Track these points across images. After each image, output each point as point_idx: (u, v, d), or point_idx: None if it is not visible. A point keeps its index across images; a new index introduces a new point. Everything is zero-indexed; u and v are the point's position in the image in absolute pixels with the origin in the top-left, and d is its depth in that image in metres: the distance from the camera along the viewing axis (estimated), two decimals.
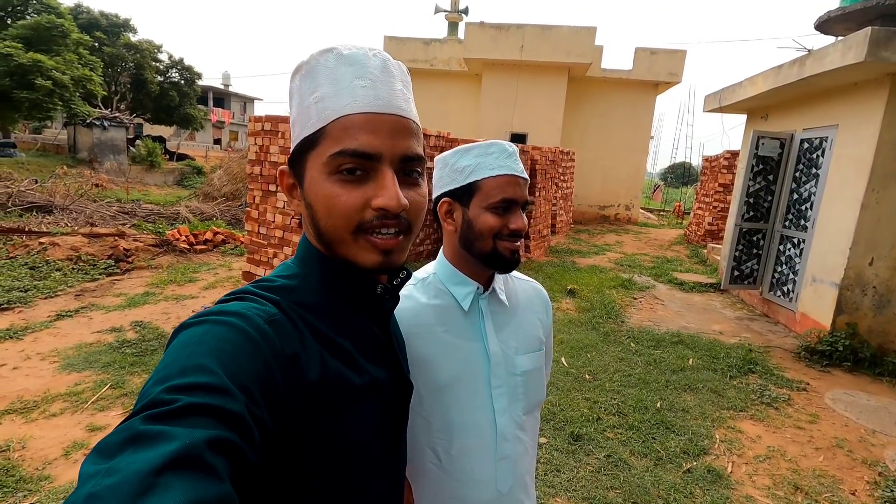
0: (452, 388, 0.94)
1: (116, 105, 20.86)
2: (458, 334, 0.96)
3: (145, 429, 0.37)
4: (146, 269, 6.29)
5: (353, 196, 0.56)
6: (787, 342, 5.09)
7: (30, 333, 4.10)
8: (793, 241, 5.63)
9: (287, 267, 0.64)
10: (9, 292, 4.87)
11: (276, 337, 0.50)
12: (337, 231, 0.57)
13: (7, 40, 14.07)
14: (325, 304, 0.60)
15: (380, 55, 0.60)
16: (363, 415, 0.59)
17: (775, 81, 5.46)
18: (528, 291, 1.08)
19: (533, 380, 1.01)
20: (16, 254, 6.16)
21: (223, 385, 0.42)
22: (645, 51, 13.48)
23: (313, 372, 0.53)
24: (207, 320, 0.48)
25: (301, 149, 0.59)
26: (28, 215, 8.64)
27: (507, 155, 0.94)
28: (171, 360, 0.44)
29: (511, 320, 1.01)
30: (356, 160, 0.56)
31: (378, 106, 0.57)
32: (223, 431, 0.39)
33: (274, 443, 0.48)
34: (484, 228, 0.92)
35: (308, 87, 0.59)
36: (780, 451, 3.09)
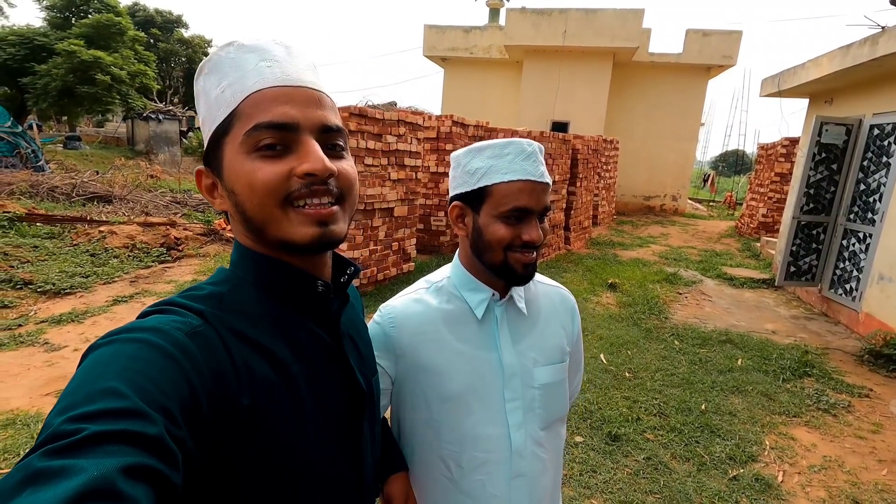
0: (464, 398, 0.88)
1: (170, 99, 21.84)
2: (470, 343, 0.90)
3: (45, 465, 0.33)
4: (195, 257, 6.56)
5: (274, 167, 0.52)
6: (848, 344, 4.75)
7: (89, 317, 4.36)
8: (858, 235, 5.23)
9: (220, 272, 0.60)
10: (72, 278, 5.20)
11: (198, 351, 0.47)
12: (264, 208, 0.53)
13: (71, 38, 14.95)
14: (259, 310, 0.56)
15: (282, 43, 0.58)
16: (304, 427, 0.55)
17: (843, 62, 5.04)
18: (551, 297, 1.00)
19: (553, 393, 0.93)
20: (78, 241, 6.56)
21: (136, 408, 0.38)
22: (697, 32, 12.80)
23: (242, 385, 0.50)
24: (118, 339, 0.44)
25: (214, 141, 0.56)
26: (90, 205, 9.19)
27: (524, 156, 0.84)
28: (76, 385, 0.40)
29: (531, 330, 0.94)
30: (273, 132, 0.52)
31: (287, 80, 0.55)
32: (139, 458, 0.36)
33: (200, 463, 0.45)
34: (493, 239, 0.84)
35: (213, 82, 0.56)
36: (838, 462, 2.88)
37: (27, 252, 5.92)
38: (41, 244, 6.26)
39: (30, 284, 4.89)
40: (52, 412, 0.38)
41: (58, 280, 5.04)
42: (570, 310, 1.02)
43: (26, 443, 2.61)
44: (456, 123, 6.67)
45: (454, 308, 0.92)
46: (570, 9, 11.76)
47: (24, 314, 4.32)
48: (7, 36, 15.19)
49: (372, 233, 5.29)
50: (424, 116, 6.30)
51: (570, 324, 1.01)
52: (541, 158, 0.86)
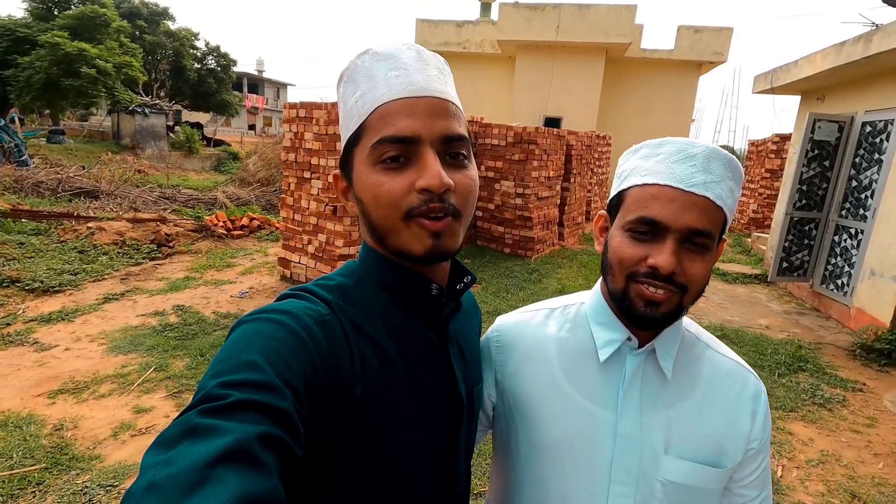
0: (556, 453, 0.71)
1: (156, 92, 21.44)
2: (582, 390, 0.71)
3: (200, 422, 0.38)
4: (186, 253, 6.46)
5: (396, 182, 0.55)
6: (840, 339, 4.81)
7: (79, 316, 4.27)
8: (850, 231, 5.29)
9: (348, 266, 0.64)
10: (60, 275, 5.09)
11: (324, 338, 0.51)
12: (388, 220, 0.56)
13: (55, 30, 14.59)
14: (377, 306, 0.59)
15: (413, 47, 0.60)
16: (404, 427, 0.57)
17: (836, 60, 5.08)
18: (722, 373, 0.73)
19: (688, 501, 0.69)
20: (66, 238, 6.43)
21: (272, 382, 0.43)
22: (688, 29, 12.86)
23: (356, 376, 0.53)
24: (261, 318, 0.50)
25: (347, 149, 0.60)
26: (76, 200, 9.01)
27: (682, 157, 0.64)
28: (226, 355, 0.45)
29: (674, 402, 0.70)
30: (396, 146, 0.55)
31: (412, 91, 0.56)
32: (272, 428, 0.40)
33: (314, 443, 0.48)
34: (613, 256, 0.67)
35: (350, 91, 0.59)
36: (835, 456, 2.92)
37: (13, 249, 5.78)
38: (27, 241, 6.12)
39: (17, 282, 4.77)
40: (205, 376, 0.44)
41: (46, 278, 4.93)
42: (750, 399, 0.72)
43: (19, 445, 2.55)
44: None
45: (575, 341, 0.74)
46: (563, 4, 11.74)
47: (11, 313, 4.22)
48: None
49: None
50: None
51: (746, 420, 0.71)
52: (714, 168, 0.63)
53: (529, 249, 7.12)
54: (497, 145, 7.23)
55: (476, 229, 7.83)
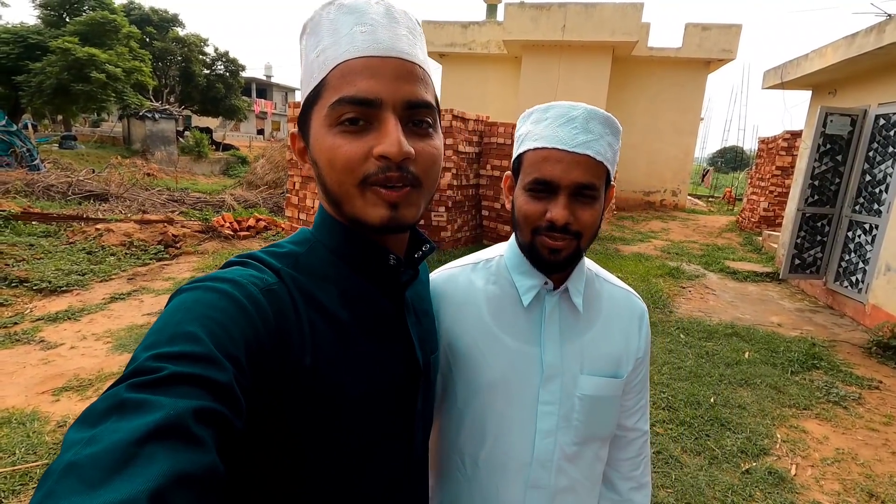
0: (493, 391, 0.80)
1: (166, 98, 21.68)
2: (510, 332, 0.80)
3: (130, 397, 0.36)
4: (193, 254, 6.49)
5: (354, 146, 0.52)
6: (855, 336, 4.70)
7: (86, 315, 4.29)
8: (864, 226, 5.18)
9: (301, 233, 0.62)
10: (68, 276, 5.12)
11: (269, 307, 0.48)
12: (343, 185, 0.54)
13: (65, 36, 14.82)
14: (330, 274, 0.57)
15: (382, 2, 0.56)
16: (359, 394, 0.56)
17: (848, 52, 4.99)
18: (616, 300, 0.86)
19: (598, 409, 0.81)
20: (74, 239, 6.48)
21: (210, 354, 0.41)
22: (696, 27, 12.74)
23: (305, 346, 0.51)
24: (201, 286, 0.47)
25: (305, 107, 0.56)
26: (86, 203, 9.10)
27: (564, 121, 0.72)
28: (162, 325, 0.43)
29: (584, 331, 0.82)
30: (356, 108, 0.52)
31: (378, 49, 0.53)
32: (209, 402, 0.38)
33: (262, 415, 0.47)
34: (519, 214, 0.76)
35: (312, 43, 0.55)
36: (851, 455, 2.83)
37: (23, 250, 5.83)
38: (37, 242, 6.18)
39: (25, 282, 4.81)
40: (139, 347, 0.41)
41: (54, 278, 4.96)
42: (637, 319, 0.87)
43: (22, 442, 2.54)
44: (456, 118, 6.60)
45: (500, 290, 0.82)
46: (568, 3, 11.68)
47: (19, 312, 4.25)
48: (0, 34, 15.05)
49: None
50: None
51: (635, 336, 0.85)
52: (592, 127, 0.72)
53: None
54: (503, 144, 7.19)
55: (482, 228, 7.79)
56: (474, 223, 7.68)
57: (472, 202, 7.56)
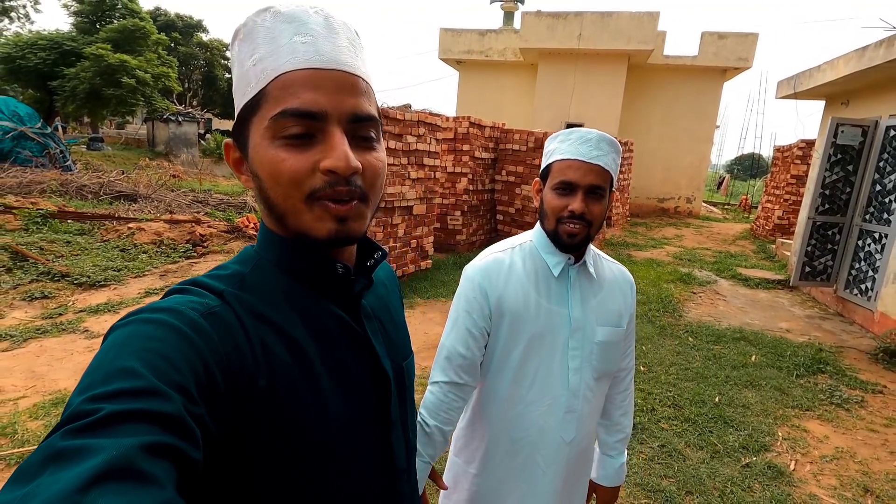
0: (534, 341, 1.06)
1: (189, 101, 22.32)
2: (546, 296, 1.07)
3: (66, 445, 0.33)
4: (219, 253, 6.78)
5: (299, 160, 0.51)
6: (863, 343, 4.78)
7: (124, 308, 4.57)
8: (874, 235, 5.25)
9: (245, 252, 0.60)
10: (105, 271, 5.43)
11: (213, 331, 0.47)
12: (288, 200, 0.52)
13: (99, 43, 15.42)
14: (278, 290, 0.56)
15: (321, 12, 0.55)
16: (324, 411, 0.54)
17: (858, 64, 5.09)
18: (614, 272, 1.17)
19: (608, 351, 1.10)
20: (108, 237, 6.82)
21: (152, 387, 0.39)
22: (712, 35, 12.80)
23: (259, 366, 0.50)
24: (135, 320, 0.45)
25: (242, 116, 0.54)
26: (117, 203, 9.50)
27: (582, 141, 1.01)
28: (96, 366, 0.40)
29: (597, 294, 1.11)
30: (300, 121, 0.51)
31: (320, 61, 0.52)
32: (158, 436, 0.36)
33: (219, 442, 0.45)
34: (547, 207, 1.05)
35: (246, 50, 0.54)
36: (850, 453, 2.96)
37: (61, 247, 6.17)
38: (73, 240, 6.52)
39: (66, 277, 5.13)
40: (73, 392, 0.39)
41: (92, 273, 5.27)
42: (629, 285, 1.18)
43: None
44: (473, 125, 6.80)
45: (535, 266, 1.09)
46: (585, 12, 11.85)
47: (63, 304, 4.55)
48: (37, 41, 15.73)
49: (392, 230, 5.44)
50: (442, 118, 6.45)
51: (629, 297, 1.17)
52: (602, 147, 1.01)
53: None
54: (518, 150, 7.38)
55: (497, 232, 7.97)
56: (489, 227, 7.87)
57: (488, 207, 7.76)
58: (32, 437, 2.60)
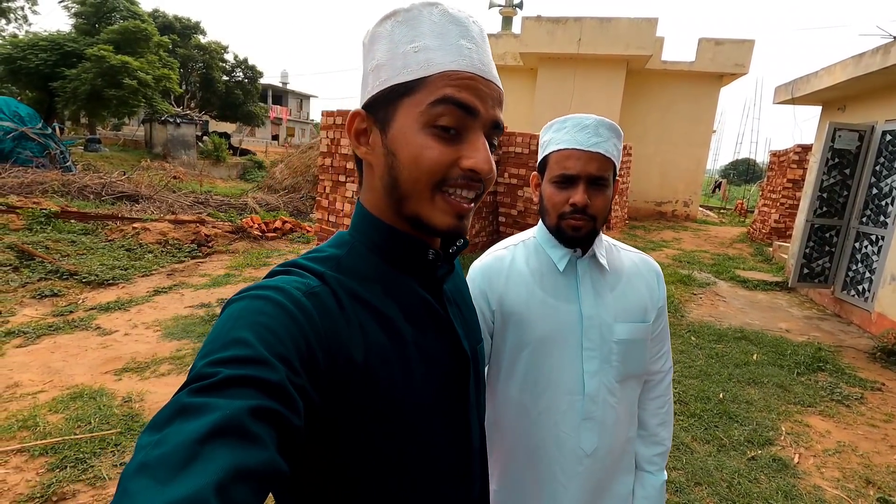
0: (543, 344, 0.96)
1: (187, 103, 22.33)
2: (552, 293, 0.97)
3: (190, 401, 0.38)
4: (224, 253, 6.82)
5: (444, 151, 0.55)
6: (860, 343, 4.88)
7: (134, 306, 4.61)
8: (870, 238, 5.37)
9: (340, 236, 0.63)
10: (112, 270, 5.47)
11: (314, 310, 0.50)
12: (418, 184, 0.55)
13: (100, 44, 15.44)
14: (372, 272, 0.59)
15: (478, 23, 0.60)
16: (413, 388, 0.57)
17: (855, 70, 5.21)
18: (635, 262, 1.06)
19: (631, 350, 0.99)
20: (113, 237, 6.85)
21: (261, 356, 0.43)
22: (709, 41, 12.97)
23: (355, 344, 0.53)
24: (248, 296, 0.49)
25: (390, 95, 0.56)
26: (119, 203, 9.51)
27: (579, 128, 0.92)
28: (215, 335, 0.45)
29: (613, 287, 1.00)
30: (457, 111, 0.54)
31: (482, 70, 0.57)
32: (264, 401, 0.40)
33: (319, 414, 0.49)
34: (548, 203, 0.96)
35: (405, 34, 0.56)
36: (852, 447, 3.04)
37: (66, 246, 6.20)
38: (78, 239, 6.55)
39: (75, 275, 5.16)
40: (197, 356, 0.44)
41: (100, 272, 5.31)
42: (654, 274, 1.06)
43: (95, 413, 2.84)
44: None
45: (539, 262, 1.00)
46: (584, 17, 11.99)
47: (72, 302, 4.58)
48: (38, 42, 15.73)
49: None
50: None
51: (654, 287, 1.04)
52: (601, 132, 0.92)
53: None
54: (520, 153, 7.47)
55: (499, 234, 8.05)
56: (491, 228, 7.95)
57: (490, 208, 7.84)
58: (54, 430, 2.64)
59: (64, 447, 2.52)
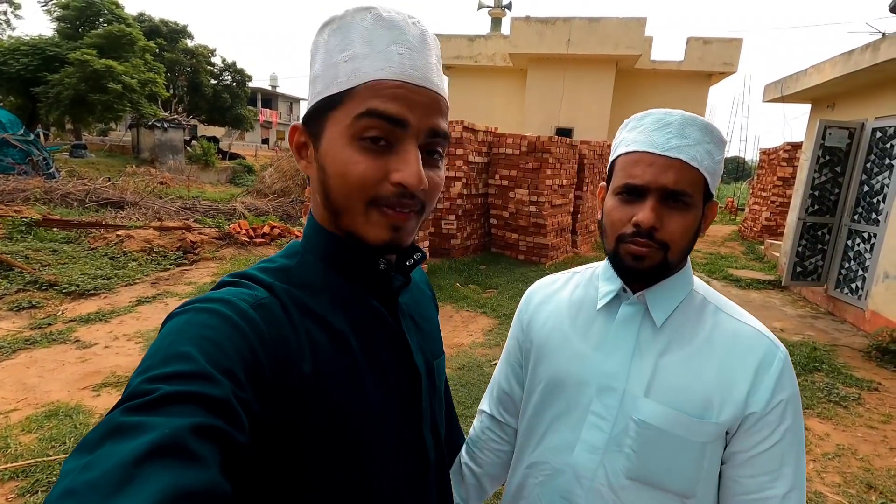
0: (552, 388, 0.80)
1: (175, 107, 22.08)
2: (581, 333, 0.79)
3: (124, 420, 0.36)
4: (211, 260, 6.68)
5: (371, 166, 0.52)
6: (855, 341, 4.86)
7: (115, 317, 4.47)
8: (863, 235, 5.36)
9: (291, 246, 0.62)
10: (94, 280, 5.31)
11: (263, 322, 0.49)
12: (349, 200, 0.54)
13: (83, 48, 15.19)
14: (322, 283, 0.58)
15: (419, 24, 0.56)
16: (364, 400, 0.56)
17: (845, 68, 5.20)
18: (732, 335, 0.72)
19: (660, 445, 0.70)
20: (96, 245, 6.68)
21: (204, 371, 0.41)
22: (698, 40, 13.03)
23: (304, 356, 0.52)
24: (191, 308, 0.48)
25: (321, 107, 0.55)
26: (103, 210, 9.33)
27: (658, 126, 0.71)
28: (154, 350, 0.43)
29: (664, 352, 0.73)
30: (383, 124, 0.52)
31: (413, 77, 0.53)
32: (206, 418, 0.38)
33: (265, 428, 0.47)
34: (606, 220, 0.75)
35: (338, 43, 0.54)
36: (851, 450, 2.99)
37: (47, 256, 6.03)
38: (59, 248, 6.38)
39: (55, 286, 5.00)
40: (134, 373, 0.42)
41: (81, 282, 5.15)
42: (756, 364, 0.69)
43: (70, 432, 2.71)
44: (466, 129, 6.81)
45: (584, 294, 0.83)
46: (573, 17, 11.98)
47: (51, 314, 4.43)
48: (19, 46, 15.45)
49: None
50: None
51: (745, 380, 0.69)
52: (688, 133, 0.70)
53: (544, 256, 7.24)
54: (511, 154, 7.40)
55: (491, 237, 7.97)
56: (482, 231, 7.87)
57: (481, 211, 7.76)
58: (26, 452, 2.51)
59: (36, 470, 2.39)
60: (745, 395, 0.68)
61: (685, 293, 0.76)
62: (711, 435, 0.69)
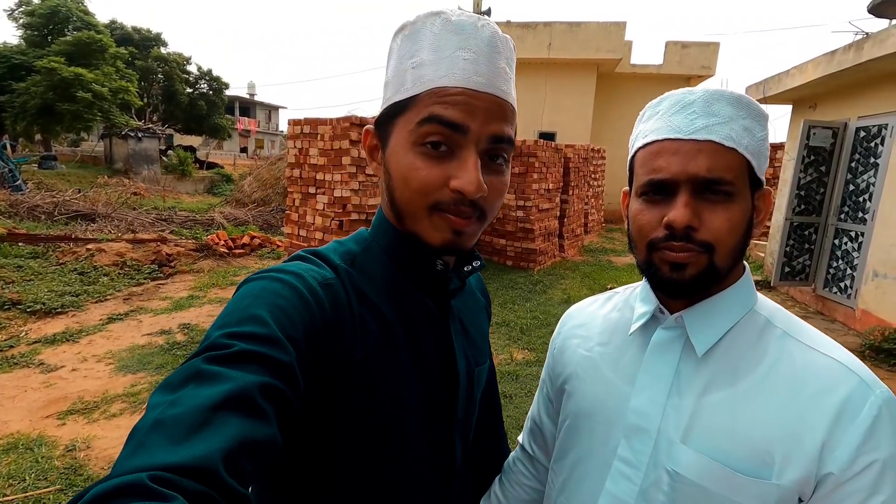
0: (578, 423, 0.69)
1: (149, 117, 21.51)
2: (611, 361, 0.67)
3: (205, 368, 0.40)
4: (188, 273, 6.40)
5: (433, 172, 0.53)
6: (847, 341, 4.83)
7: (84, 336, 4.19)
8: (850, 234, 5.37)
9: (360, 234, 0.65)
10: (62, 297, 5.01)
11: (327, 300, 0.51)
12: (412, 205, 0.55)
13: (51, 56, 14.68)
14: (381, 274, 0.60)
15: (489, 26, 0.55)
16: (400, 392, 0.57)
17: (828, 68, 5.23)
18: (803, 369, 0.55)
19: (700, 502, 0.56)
20: (65, 260, 6.35)
21: (275, 336, 0.44)
22: (676, 44, 13.19)
23: (356, 340, 0.53)
24: (267, 276, 0.51)
25: (390, 112, 0.57)
26: (73, 223, 8.93)
27: (678, 108, 0.58)
28: (232, 309, 0.47)
29: (710, 389, 0.57)
30: (443, 129, 0.52)
31: (477, 83, 0.52)
32: (273, 379, 0.41)
33: (310, 403, 0.49)
34: (633, 228, 0.62)
35: (408, 49, 0.55)
36: None
37: (11, 272, 5.69)
38: (25, 264, 6.03)
39: (18, 305, 4.69)
40: (211, 327, 0.45)
41: (47, 300, 4.85)
42: (838, 406, 0.51)
43: (31, 468, 2.47)
44: None
45: (619, 317, 0.71)
46: (554, 22, 12.02)
47: (14, 335, 4.14)
48: None
49: None
50: None
51: (821, 429, 0.51)
52: (716, 109, 0.56)
53: (532, 261, 7.13)
54: None
55: (478, 242, 7.84)
56: None
57: None
58: None
59: None
60: (818, 449, 0.50)
61: (740, 314, 0.59)
62: (770, 499, 0.52)
